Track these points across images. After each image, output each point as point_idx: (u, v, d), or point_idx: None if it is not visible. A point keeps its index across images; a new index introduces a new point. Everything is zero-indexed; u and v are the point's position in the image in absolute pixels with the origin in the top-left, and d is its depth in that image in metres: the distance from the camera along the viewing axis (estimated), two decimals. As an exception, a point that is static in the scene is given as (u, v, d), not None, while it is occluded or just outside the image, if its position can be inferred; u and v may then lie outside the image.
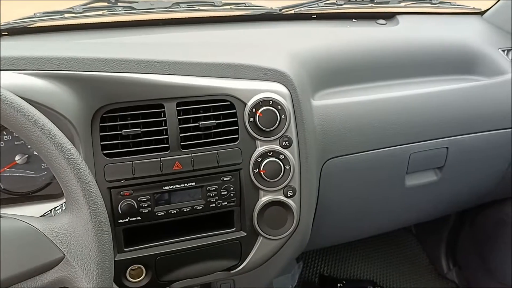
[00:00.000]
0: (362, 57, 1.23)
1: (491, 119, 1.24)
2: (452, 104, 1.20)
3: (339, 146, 1.09)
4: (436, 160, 1.23)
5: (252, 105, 0.94)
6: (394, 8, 1.46)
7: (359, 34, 1.31)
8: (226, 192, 0.97)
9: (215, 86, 0.94)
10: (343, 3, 1.41)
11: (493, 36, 1.40)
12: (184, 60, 0.94)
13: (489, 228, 1.61)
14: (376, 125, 1.12)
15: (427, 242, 1.90)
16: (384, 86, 1.23)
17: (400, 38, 1.31)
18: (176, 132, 0.91)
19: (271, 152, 0.97)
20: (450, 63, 1.31)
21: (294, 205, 1.01)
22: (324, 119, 1.07)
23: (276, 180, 0.98)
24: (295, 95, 0.99)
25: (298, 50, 1.15)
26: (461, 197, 1.41)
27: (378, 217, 1.33)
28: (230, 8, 1.33)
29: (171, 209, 0.94)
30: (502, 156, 1.31)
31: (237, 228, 1.01)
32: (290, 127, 0.98)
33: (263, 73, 0.98)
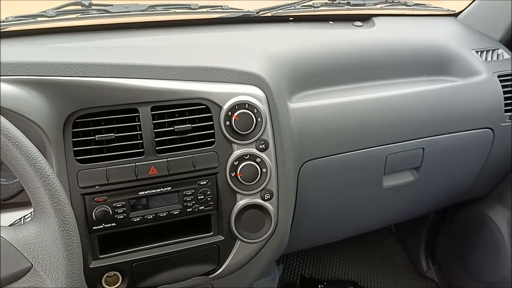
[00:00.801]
0: (339, 59, 1.23)
1: (466, 120, 1.26)
2: (428, 105, 1.21)
3: (316, 148, 1.09)
4: (412, 160, 1.24)
5: (228, 109, 0.94)
6: (370, 10, 1.47)
7: (335, 36, 1.31)
8: (203, 196, 0.96)
9: (190, 90, 0.93)
10: (320, 5, 1.42)
11: (467, 37, 1.42)
12: (159, 64, 0.93)
13: (467, 227, 1.63)
14: (353, 127, 1.12)
15: (407, 241, 1.92)
16: (361, 88, 1.24)
17: (376, 40, 1.32)
18: (151, 136, 0.90)
19: (248, 156, 0.96)
20: (425, 64, 1.32)
21: (272, 208, 1.00)
22: (301, 122, 1.08)
23: (253, 184, 0.98)
24: (271, 98, 0.99)
25: (275, 52, 1.15)
26: (438, 196, 1.42)
27: (356, 218, 1.34)
28: (206, 11, 1.32)
29: (147, 214, 0.93)
30: (477, 156, 1.33)
31: (215, 232, 1.00)
32: (267, 130, 0.97)
33: (239, 76, 0.98)
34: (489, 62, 1.33)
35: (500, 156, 1.36)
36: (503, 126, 1.30)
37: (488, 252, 1.54)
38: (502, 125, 1.30)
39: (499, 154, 1.35)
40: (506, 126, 1.31)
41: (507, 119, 1.30)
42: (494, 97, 1.29)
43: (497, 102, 1.29)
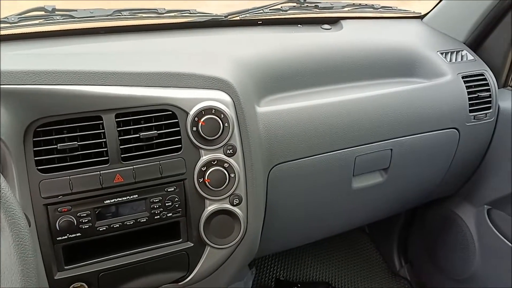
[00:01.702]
0: (307, 62, 1.24)
1: (432, 120, 1.28)
2: (395, 106, 1.23)
3: (284, 152, 1.10)
4: (381, 161, 1.26)
5: (194, 114, 0.93)
6: (338, 13, 1.48)
7: (304, 39, 1.32)
8: (170, 203, 0.95)
9: (156, 96, 0.92)
10: (288, 9, 1.43)
11: (432, 39, 1.44)
12: (123, 70, 0.91)
13: (437, 225, 1.66)
14: (321, 129, 1.13)
15: (379, 240, 1.94)
16: (329, 91, 1.25)
17: (344, 43, 1.34)
18: (115, 144, 0.88)
19: (216, 161, 0.96)
20: (392, 66, 1.34)
21: (241, 213, 1.00)
22: (269, 126, 1.08)
23: (222, 189, 0.97)
24: (238, 102, 0.98)
25: (243, 56, 1.14)
26: (407, 196, 1.44)
27: (327, 220, 1.35)
28: (174, 16, 1.31)
29: (113, 223, 0.91)
30: (443, 155, 1.35)
31: (184, 239, 1.00)
32: (234, 135, 0.97)
33: (206, 82, 0.97)
34: (454, 63, 1.36)
35: (466, 155, 1.39)
36: (468, 126, 1.33)
37: (457, 250, 1.57)
38: (467, 125, 1.32)
39: (465, 153, 1.38)
40: (471, 126, 1.33)
41: (472, 119, 1.33)
42: (459, 98, 1.31)
43: (462, 103, 1.31)
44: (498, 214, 1.44)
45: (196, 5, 1.37)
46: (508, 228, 1.41)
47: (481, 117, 1.34)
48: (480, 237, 1.48)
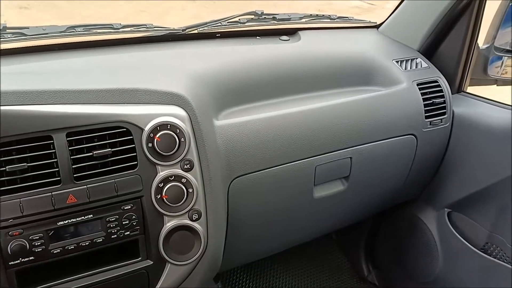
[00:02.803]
0: (266, 73, 1.25)
1: (390, 127, 1.30)
2: (352, 115, 1.25)
3: (244, 165, 1.10)
4: (341, 170, 1.27)
5: (150, 130, 0.92)
6: (296, 24, 1.50)
7: (262, 51, 1.33)
8: (128, 222, 0.94)
9: (109, 113, 0.91)
10: (246, 21, 1.44)
11: (387, 48, 1.48)
12: (74, 88, 0.90)
13: (401, 230, 1.69)
14: (280, 140, 1.14)
15: (347, 247, 1.96)
16: (288, 101, 1.26)
17: (302, 53, 1.35)
18: (67, 164, 0.87)
19: (173, 177, 0.95)
20: (349, 75, 1.36)
21: (201, 228, 0.99)
22: (228, 139, 1.08)
23: (180, 205, 0.96)
24: (194, 117, 0.98)
25: (200, 70, 1.14)
26: (369, 202, 1.46)
27: (292, 230, 1.35)
28: (130, 31, 1.30)
29: (68, 245, 0.89)
30: (403, 161, 1.38)
31: (143, 257, 0.98)
32: (191, 149, 0.97)
33: (160, 97, 0.96)
34: (409, 71, 1.39)
35: (424, 160, 1.42)
36: (425, 132, 1.36)
37: (422, 253, 1.60)
38: (424, 130, 1.36)
39: (424, 158, 1.41)
40: (428, 132, 1.36)
41: (428, 124, 1.36)
42: (415, 105, 1.34)
43: (418, 109, 1.34)
44: (458, 216, 1.48)
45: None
46: (468, 230, 1.44)
47: (437, 123, 1.38)
48: (442, 239, 1.51)
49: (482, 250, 1.40)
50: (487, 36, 1.46)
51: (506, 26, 1.48)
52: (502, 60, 1.55)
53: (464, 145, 1.40)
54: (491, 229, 1.38)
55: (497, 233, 1.36)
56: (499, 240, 1.35)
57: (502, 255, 1.36)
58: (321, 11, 8.22)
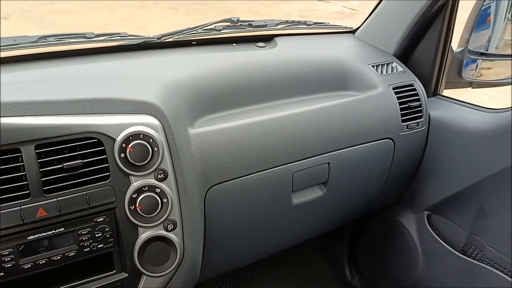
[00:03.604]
0: (242, 80, 1.24)
1: (367, 132, 1.30)
2: (329, 120, 1.25)
3: (220, 173, 1.09)
4: (319, 176, 1.27)
5: (122, 140, 0.91)
6: (272, 31, 1.50)
7: (238, 58, 1.32)
8: (101, 234, 0.92)
9: (79, 124, 0.89)
10: (222, 28, 1.43)
11: (363, 52, 1.49)
12: (42, 99, 0.88)
13: (382, 234, 1.69)
14: (256, 148, 1.13)
15: (330, 252, 1.96)
16: (265, 108, 1.25)
17: (278, 59, 1.35)
18: (36, 176, 0.85)
19: (147, 187, 0.94)
20: (326, 80, 1.36)
21: (176, 239, 0.98)
22: (203, 147, 1.07)
23: (154, 215, 0.95)
24: (167, 126, 0.97)
25: (175, 78, 1.14)
26: (349, 207, 1.46)
27: (272, 237, 1.34)
28: (103, 39, 1.29)
29: (39, 259, 0.87)
30: (381, 166, 1.38)
31: (118, 270, 0.96)
32: (165, 159, 0.96)
33: (132, 106, 0.95)
34: (385, 75, 1.40)
35: (402, 163, 1.42)
36: (402, 135, 1.37)
37: (402, 256, 1.60)
38: (401, 134, 1.36)
39: (401, 162, 1.41)
40: (405, 135, 1.37)
41: (405, 128, 1.37)
42: (391, 109, 1.35)
43: (394, 113, 1.35)
44: (437, 218, 1.49)
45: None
46: (447, 232, 1.45)
47: (413, 126, 1.38)
48: (422, 242, 1.52)
49: (462, 252, 1.41)
50: (461, 40, 1.47)
51: (479, 29, 1.50)
52: (476, 63, 1.57)
53: (441, 148, 1.41)
54: (470, 230, 1.39)
55: (476, 235, 1.37)
56: (478, 241, 1.36)
57: (481, 256, 1.36)
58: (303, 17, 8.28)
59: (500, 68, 1.62)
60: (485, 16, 1.51)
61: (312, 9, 8.87)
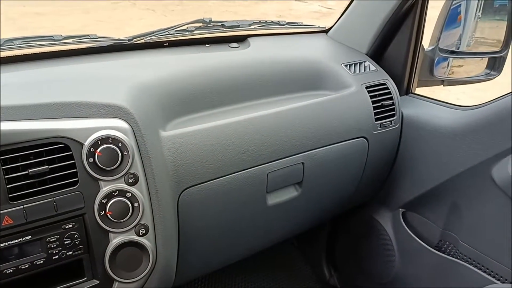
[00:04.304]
0: (215, 81, 1.23)
1: (341, 131, 1.31)
2: (303, 120, 1.25)
3: (193, 175, 1.08)
4: (294, 176, 1.27)
5: (90, 145, 0.89)
6: (245, 31, 1.50)
7: (211, 59, 1.31)
8: (70, 241, 0.90)
9: (45, 129, 0.87)
10: (195, 29, 1.42)
11: (336, 52, 1.49)
12: (7, 104, 0.86)
13: (359, 232, 1.70)
14: (229, 149, 1.12)
15: (308, 251, 1.96)
16: (238, 109, 1.24)
17: (252, 60, 1.35)
18: (1, 183, 0.82)
19: (117, 192, 0.92)
20: (299, 80, 1.36)
21: (149, 243, 0.97)
22: (175, 150, 1.05)
23: (125, 220, 0.93)
24: (137, 129, 0.95)
25: (146, 80, 1.12)
26: (324, 207, 1.46)
27: (248, 239, 1.33)
28: (72, 42, 1.26)
29: (5, 268, 0.85)
30: (355, 164, 1.39)
31: (88, 277, 0.94)
32: (135, 163, 0.94)
33: (101, 110, 0.93)
34: (358, 74, 1.41)
35: (377, 162, 1.43)
36: (376, 134, 1.37)
37: (379, 254, 1.61)
38: (374, 133, 1.37)
39: (376, 160, 1.42)
40: (378, 134, 1.38)
41: (378, 127, 1.38)
42: (364, 108, 1.35)
43: (368, 112, 1.36)
44: (412, 216, 1.50)
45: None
46: (422, 229, 1.47)
47: (386, 125, 1.39)
48: (398, 240, 1.53)
49: (436, 248, 1.42)
50: (432, 38, 1.49)
51: (450, 28, 1.52)
52: (448, 61, 1.60)
53: (414, 146, 1.42)
54: (444, 227, 1.40)
55: (450, 231, 1.39)
56: (452, 237, 1.38)
57: (455, 251, 1.38)
58: (281, 16, 8.31)
59: (470, 66, 1.65)
60: (456, 14, 1.53)
61: (290, 9, 8.91)
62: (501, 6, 1.61)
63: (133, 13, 7.62)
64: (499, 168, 1.20)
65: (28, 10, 7.12)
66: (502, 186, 1.19)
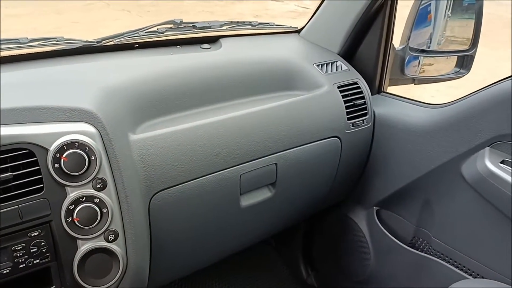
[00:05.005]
0: (186, 83, 1.22)
1: (313, 131, 1.31)
2: (275, 120, 1.24)
3: (164, 179, 1.06)
4: (267, 177, 1.26)
5: (55, 150, 0.87)
6: (217, 32, 1.49)
7: (182, 60, 1.30)
8: (36, 249, 0.88)
9: (8, 135, 0.85)
10: (165, 31, 1.40)
11: (308, 52, 1.49)
12: None
13: (335, 230, 1.71)
14: (200, 151, 1.11)
15: (285, 251, 1.96)
16: (210, 111, 1.23)
17: (223, 61, 1.34)
18: None
19: (84, 197, 0.90)
20: (271, 80, 1.36)
21: (118, 249, 0.95)
22: (146, 153, 1.04)
23: (94, 226, 0.92)
24: (104, 133, 0.94)
25: (114, 83, 1.10)
26: (299, 207, 1.46)
27: (222, 241, 1.33)
28: (38, 45, 1.23)
29: (-31, 280, 0.82)
30: (329, 164, 1.40)
31: (57, 286, 0.92)
32: (103, 167, 0.92)
33: (67, 114, 0.92)
34: (329, 74, 1.41)
35: (350, 161, 1.44)
36: (348, 133, 1.38)
37: (355, 252, 1.62)
38: (347, 132, 1.38)
39: (349, 159, 1.43)
40: (351, 133, 1.39)
41: (351, 126, 1.38)
42: (337, 107, 1.36)
43: (340, 112, 1.36)
44: (386, 213, 1.52)
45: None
46: (396, 226, 1.48)
47: (359, 124, 1.40)
48: (372, 237, 1.54)
49: (410, 245, 1.44)
50: (403, 37, 1.50)
51: (420, 27, 1.54)
52: (419, 60, 1.62)
53: (387, 144, 1.44)
54: (417, 223, 1.42)
55: (423, 227, 1.40)
56: (425, 233, 1.40)
57: (428, 248, 1.40)
58: (258, 16, 8.31)
59: (441, 64, 1.67)
60: (426, 13, 1.55)
61: (266, 8, 8.92)
62: (470, 4, 1.64)
63: (107, 14, 7.52)
64: (468, 164, 1.22)
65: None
66: (471, 183, 1.21)
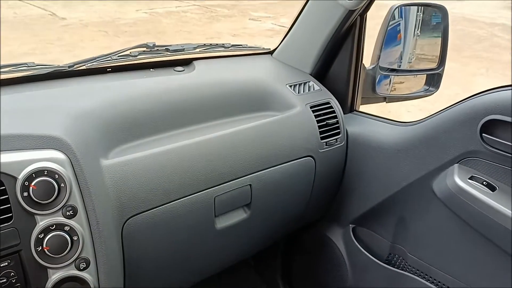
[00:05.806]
0: (159, 106, 1.22)
1: (287, 151, 1.32)
2: (249, 142, 1.25)
3: (137, 204, 1.05)
4: (242, 198, 1.26)
5: (24, 178, 0.86)
6: (190, 55, 1.50)
7: (155, 83, 1.31)
8: (5, 280, 0.86)
9: None
10: (138, 54, 1.41)
11: (281, 73, 1.51)
12: None
13: (312, 249, 1.71)
14: (174, 175, 1.11)
15: (264, 270, 1.95)
16: (184, 133, 1.23)
17: (197, 83, 1.35)
18: None
19: (54, 226, 0.89)
20: (244, 102, 1.37)
21: (90, 277, 0.94)
22: (118, 178, 1.03)
23: (64, 255, 0.90)
24: (75, 159, 0.93)
25: (85, 108, 1.10)
26: (275, 227, 1.47)
27: (198, 263, 1.32)
28: (8, 71, 1.22)
29: None
30: (303, 183, 1.41)
31: (27, 317, 0.90)
32: (73, 194, 0.91)
33: (35, 141, 0.91)
34: (302, 94, 1.43)
35: (324, 180, 1.45)
36: (322, 152, 1.40)
37: (332, 270, 1.63)
38: (321, 151, 1.39)
39: (324, 179, 1.44)
40: (325, 152, 1.40)
41: (324, 145, 1.40)
42: (310, 127, 1.38)
43: (313, 131, 1.38)
44: (362, 231, 1.53)
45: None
46: (372, 243, 1.50)
47: (332, 143, 1.42)
48: (349, 255, 1.55)
49: (386, 262, 1.45)
50: (373, 57, 1.54)
51: (390, 46, 1.58)
52: (390, 78, 1.65)
53: (360, 162, 1.46)
54: (392, 240, 1.43)
55: (398, 244, 1.42)
56: (400, 250, 1.41)
57: (404, 264, 1.41)
58: (236, 35, 8.39)
59: (411, 82, 1.71)
60: (395, 33, 1.59)
61: (244, 27, 9.01)
62: (437, 24, 1.69)
63: (84, 35, 7.49)
64: (438, 181, 1.24)
65: (-28, 34, 6.87)
66: (442, 199, 1.23)
